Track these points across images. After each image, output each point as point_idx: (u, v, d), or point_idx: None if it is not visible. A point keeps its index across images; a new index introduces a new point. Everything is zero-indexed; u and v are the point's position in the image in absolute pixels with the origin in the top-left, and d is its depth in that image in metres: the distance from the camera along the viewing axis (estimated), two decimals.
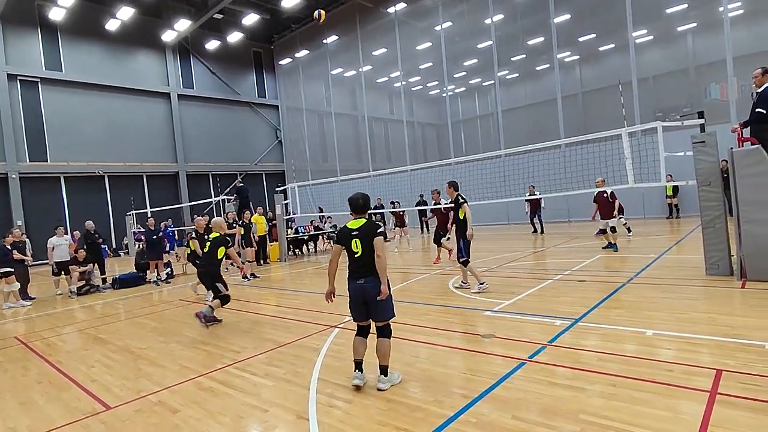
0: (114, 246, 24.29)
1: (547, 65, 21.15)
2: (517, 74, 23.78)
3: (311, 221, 19.11)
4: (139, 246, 15.26)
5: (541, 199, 15.54)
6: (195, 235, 9.93)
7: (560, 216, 18.67)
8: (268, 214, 16.09)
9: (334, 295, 4.13)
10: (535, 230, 15.79)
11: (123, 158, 24.87)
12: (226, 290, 6.76)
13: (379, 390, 3.81)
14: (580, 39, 20.99)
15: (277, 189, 16.92)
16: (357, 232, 3.89)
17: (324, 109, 29.93)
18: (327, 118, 29.77)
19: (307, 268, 12.62)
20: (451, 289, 7.80)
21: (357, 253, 3.89)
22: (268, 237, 14.89)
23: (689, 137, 7.04)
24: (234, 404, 3.84)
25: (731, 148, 6.53)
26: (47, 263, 12.24)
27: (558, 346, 4.49)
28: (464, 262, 7.38)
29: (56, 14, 22.06)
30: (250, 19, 26.05)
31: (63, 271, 11.23)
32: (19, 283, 10.27)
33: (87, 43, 23.92)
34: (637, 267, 8.11)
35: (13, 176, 21.16)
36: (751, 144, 6.47)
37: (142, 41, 25.91)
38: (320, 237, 17.92)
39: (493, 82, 22.14)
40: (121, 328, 7.17)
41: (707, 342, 4.25)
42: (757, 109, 6.47)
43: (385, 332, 3.91)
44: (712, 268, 6.88)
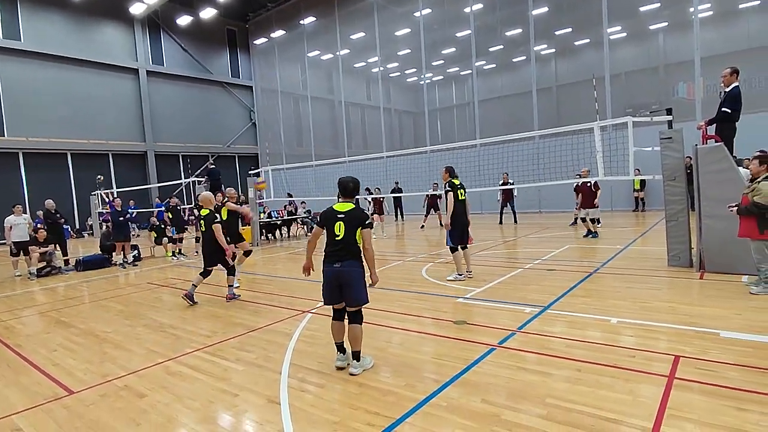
0: (77, 227, 23.39)
1: (524, 57, 21.33)
2: (494, 65, 23.90)
3: (284, 206, 18.86)
4: (105, 227, 14.73)
5: (513, 188, 15.77)
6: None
7: (532, 206, 19.07)
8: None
9: (313, 269, 4.13)
10: (502, 221, 16.02)
11: (87, 135, 23.80)
12: (233, 261, 7.06)
13: (351, 375, 3.84)
14: (557, 32, 21.25)
15: (251, 172, 16.62)
16: (343, 216, 3.89)
17: (300, 92, 29.36)
18: (303, 101, 29.24)
19: (280, 253, 12.49)
20: (425, 276, 7.87)
21: (339, 236, 3.87)
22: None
23: (657, 133, 7.26)
24: (203, 389, 3.78)
25: (696, 145, 6.76)
26: (4, 243, 11.69)
27: (527, 332, 4.61)
28: (451, 248, 7.27)
29: None
30: None
31: (22, 252, 10.76)
32: None
33: (48, 12, 22.61)
34: (603, 257, 8.38)
35: None
36: (715, 141, 6.73)
37: (108, 13, 24.68)
38: (294, 222, 17.72)
39: (470, 71, 22.21)
40: (85, 311, 6.93)
41: (667, 330, 4.44)
42: (723, 108, 6.70)
43: (357, 318, 3.94)
44: (674, 259, 7.18)
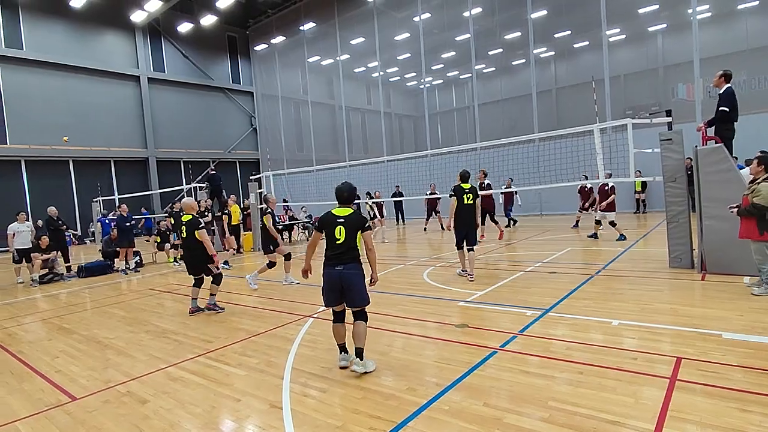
0: (79, 233, 23.45)
1: (523, 60, 21.42)
2: (494, 68, 23.99)
3: (286, 210, 18.90)
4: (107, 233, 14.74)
5: (515, 193, 15.76)
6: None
7: (533, 209, 19.07)
8: (244, 203, 15.88)
9: (311, 272, 4.27)
10: (509, 224, 15.97)
11: (89, 142, 23.89)
12: (218, 269, 6.63)
13: (353, 371, 3.90)
14: (556, 35, 21.34)
15: (252, 177, 16.66)
16: (342, 220, 3.98)
17: (300, 97, 29.47)
18: (303, 106, 29.33)
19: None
20: (426, 280, 7.87)
21: (339, 240, 3.95)
22: (242, 226, 14.74)
23: (657, 135, 7.27)
24: (205, 394, 3.79)
25: (696, 147, 6.77)
26: (7, 250, 11.73)
27: (529, 335, 4.61)
28: (457, 246, 7.72)
29: None
30: (225, 1, 25.29)
31: (24, 259, 10.80)
32: None
33: (50, 21, 22.78)
34: (605, 259, 8.37)
35: None
36: (715, 143, 6.73)
37: (109, 21, 24.85)
38: (294, 227, 17.75)
39: (470, 75, 22.27)
40: (87, 318, 6.95)
41: (669, 331, 4.43)
42: (721, 107, 6.74)
43: (361, 315, 4.03)
44: (675, 261, 7.17)
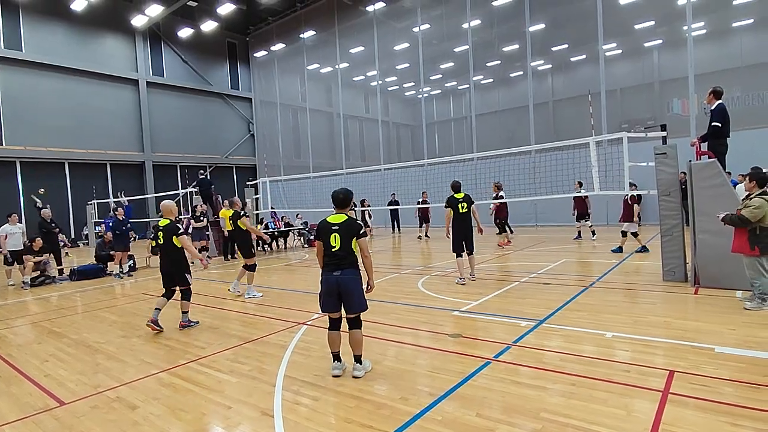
0: (72, 236, 23.29)
1: (521, 72, 21.61)
2: (491, 80, 24.19)
3: (281, 217, 18.86)
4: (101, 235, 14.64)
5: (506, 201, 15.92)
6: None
7: (528, 220, 19.12)
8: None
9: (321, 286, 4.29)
10: (511, 231, 15.75)
11: (85, 145, 23.84)
12: (191, 282, 6.14)
13: (355, 377, 4.02)
14: (553, 49, 21.57)
15: (248, 183, 16.66)
16: (337, 227, 4.03)
17: (299, 104, 29.57)
18: (301, 113, 29.43)
19: (276, 264, 12.45)
20: (421, 289, 7.86)
21: (335, 247, 4.02)
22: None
23: (652, 148, 7.34)
24: (196, 401, 3.75)
25: (690, 161, 6.84)
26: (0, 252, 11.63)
27: (522, 346, 4.60)
28: (456, 255, 8.14)
29: None
30: (226, 8, 25.47)
31: (16, 261, 10.70)
32: None
33: (50, 23, 22.83)
34: (599, 272, 8.39)
35: None
36: (709, 157, 6.81)
37: (110, 24, 24.94)
38: (290, 233, 17.70)
39: (468, 86, 22.45)
40: (78, 322, 6.88)
41: (662, 344, 4.44)
42: (713, 123, 6.85)
43: (356, 324, 4.10)
44: (669, 274, 7.20)
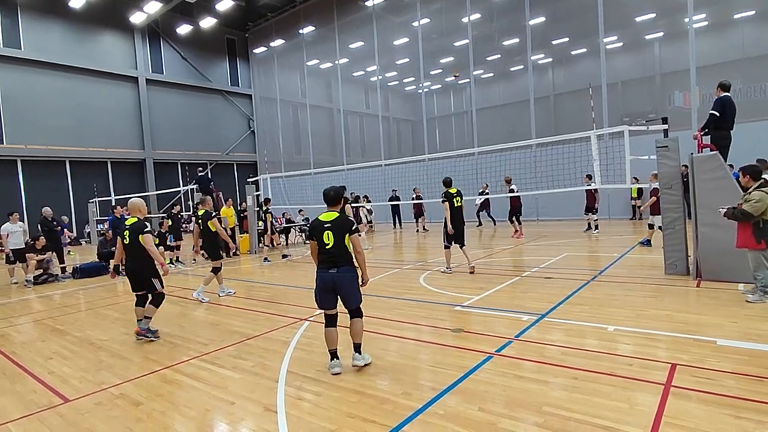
0: (75, 234, 23.31)
1: (521, 66, 21.52)
2: (492, 74, 24.10)
3: (282, 213, 18.89)
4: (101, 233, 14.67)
5: (488, 196, 16.20)
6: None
7: (529, 215, 19.07)
8: (242, 205, 15.95)
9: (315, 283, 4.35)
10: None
11: (86, 143, 23.83)
12: (162, 287, 5.55)
13: (354, 366, 4.08)
14: (554, 42, 21.46)
15: (249, 180, 16.65)
16: (329, 225, 4.06)
17: (299, 100, 29.50)
18: (302, 109, 29.36)
19: (278, 260, 12.47)
20: (422, 284, 7.87)
21: (328, 244, 4.05)
22: (238, 229, 14.75)
23: (653, 142, 7.32)
24: (200, 397, 3.77)
25: (692, 154, 6.82)
26: (2, 251, 11.66)
27: (524, 340, 4.61)
28: (444, 246, 8.58)
29: None
30: (225, 4, 25.39)
31: (18, 260, 10.73)
32: None
33: (49, 21, 22.76)
34: (600, 265, 8.39)
35: None
36: (710, 150, 6.78)
37: (108, 22, 24.85)
38: (291, 230, 17.72)
39: (468, 80, 22.37)
40: (81, 319, 6.91)
41: (664, 338, 4.44)
42: (710, 111, 6.83)
43: (356, 313, 4.16)
44: (671, 267, 7.19)
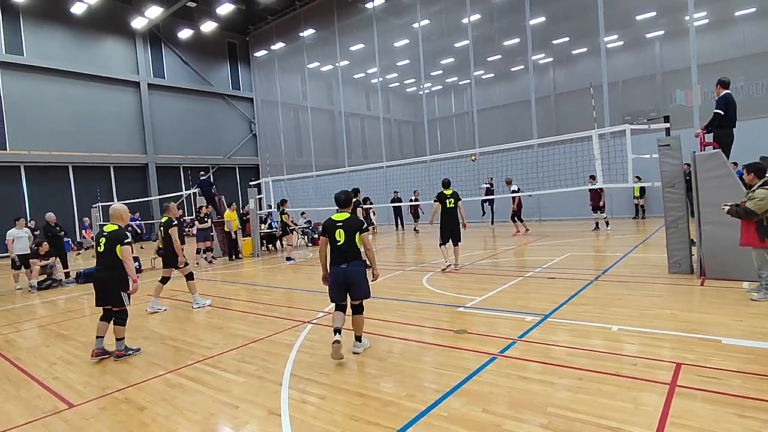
0: (78, 239, 23.41)
1: (522, 66, 21.49)
2: (492, 74, 24.06)
3: (302, 213, 18.87)
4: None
5: (494, 196, 16.33)
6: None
7: (531, 215, 19.05)
8: (244, 208, 15.99)
9: (329, 278, 4.68)
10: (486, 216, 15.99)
11: (88, 148, 23.89)
12: (128, 303, 5.17)
13: (354, 353, 4.48)
14: (554, 42, 21.43)
15: (251, 183, 16.68)
16: (341, 224, 4.52)
17: (300, 103, 29.53)
18: (303, 112, 29.40)
19: (281, 263, 12.48)
20: (425, 285, 7.86)
21: (339, 241, 4.49)
22: (241, 232, 14.78)
23: (655, 140, 7.30)
24: (204, 401, 3.77)
25: (694, 152, 6.80)
26: (7, 256, 11.71)
27: (528, 341, 4.60)
28: (440, 244, 8.93)
29: None
30: (225, 8, 25.45)
31: (23, 265, 10.78)
32: None
33: (51, 27, 22.86)
34: (604, 265, 8.37)
35: None
36: (713, 148, 6.76)
37: (110, 27, 24.95)
38: (294, 232, 17.71)
39: (469, 81, 22.35)
40: (86, 324, 6.92)
41: (668, 337, 4.42)
42: (715, 110, 6.81)
43: (359, 310, 4.62)
44: (674, 266, 7.16)
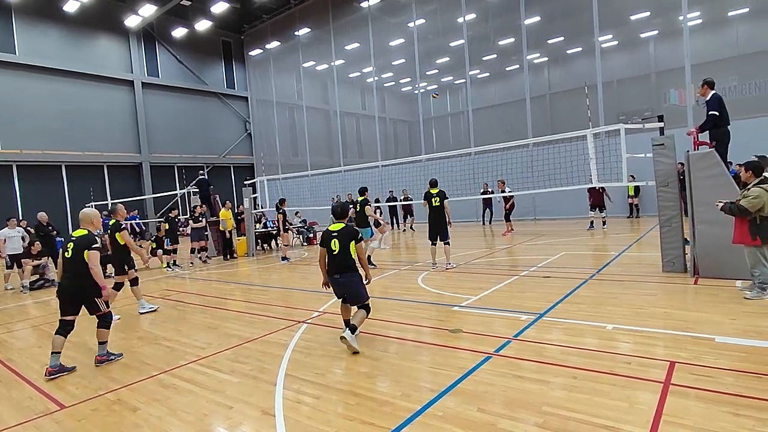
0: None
1: (517, 66, 21.53)
2: (488, 74, 24.10)
3: (296, 212, 18.81)
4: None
5: (491, 195, 16.37)
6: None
7: (527, 214, 19.11)
8: (239, 207, 15.94)
9: (328, 284, 4.90)
10: (484, 223, 16.11)
11: (82, 147, 23.73)
12: (107, 307, 5.04)
13: (341, 338, 4.51)
14: (549, 41, 21.48)
15: (246, 182, 16.61)
16: (336, 234, 4.75)
17: (295, 102, 29.46)
18: (298, 111, 29.33)
19: (276, 263, 12.44)
20: (421, 284, 7.86)
21: (335, 251, 4.72)
22: (236, 231, 14.72)
23: (650, 140, 7.32)
24: (197, 401, 3.75)
25: (688, 151, 6.83)
26: None
27: (523, 340, 4.60)
28: (432, 243, 9.10)
29: None
30: (220, 7, 25.30)
31: (15, 265, 10.68)
32: None
33: (43, 25, 22.67)
34: (598, 264, 8.40)
35: None
36: (708, 147, 6.80)
37: (103, 25, 24.78)
38: (288, 231, 17.67)
39: (464, 80, 22.36)
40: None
41: (662, 335, 4.44)
42: (711, 111, 6.85)
43: (363, 307, 4.75)
44: (668, 265, 7.20)
